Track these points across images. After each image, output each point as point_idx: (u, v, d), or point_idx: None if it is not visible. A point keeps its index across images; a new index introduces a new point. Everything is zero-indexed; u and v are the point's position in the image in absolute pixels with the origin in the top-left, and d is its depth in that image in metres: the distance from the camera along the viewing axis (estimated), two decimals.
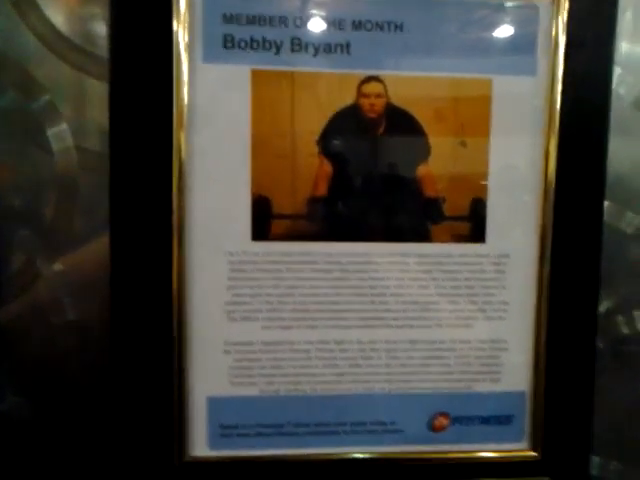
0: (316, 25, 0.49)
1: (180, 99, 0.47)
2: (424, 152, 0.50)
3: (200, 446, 0.50)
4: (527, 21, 0.50)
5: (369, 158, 0.50)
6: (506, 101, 0.50)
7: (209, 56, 0.48)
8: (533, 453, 0.53)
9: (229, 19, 0.48)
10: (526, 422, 0.53)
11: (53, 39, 0.50)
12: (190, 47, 0.47)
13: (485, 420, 0.53)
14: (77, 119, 0.51)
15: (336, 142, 0.50)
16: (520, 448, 0.53)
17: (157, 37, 0.47)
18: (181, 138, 0.48)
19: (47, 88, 0.50)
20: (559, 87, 0.50)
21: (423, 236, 0.51)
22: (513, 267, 0.52)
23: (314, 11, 0.48)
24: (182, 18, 0.47)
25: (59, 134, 0.50)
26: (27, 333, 0.51)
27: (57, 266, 0.51)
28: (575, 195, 0.51)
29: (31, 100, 0.50)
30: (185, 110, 0.47)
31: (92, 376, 0.51)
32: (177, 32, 0.47)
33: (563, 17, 0.49)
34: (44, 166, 0.50)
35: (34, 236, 0.51)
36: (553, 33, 0.50)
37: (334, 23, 0.49)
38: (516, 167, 0.51)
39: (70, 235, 0.51)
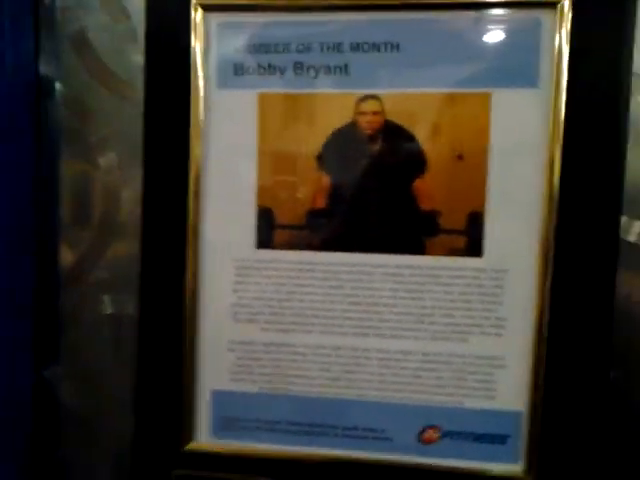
0: (316, 49, 0.52)
1: (196, 121, 0.53)
2: (420, 166, 0.52)
3: (204, 434, 0.55)
4: (528, 33, 0.49)
5: (365, 173, 0.52)
6: (506, 114, 0.50)
7: (222, 82, 0.54)
8: (528, 476, 0.51)
9: (239, 49, 0.53)
10: (522, 443, 0.51)
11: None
12: (205, 75, 0.53)
13: (478, 437, 0.51)
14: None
15: (334, 158, 0.53)
16: (514, 470, 0.51)
17: (179, 68, 0.53)
18: (197, 156, 0.53)
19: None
20: (563, 97, 0.49)
21: (417, 249, 0.52)
22: (512, 282, 0.51)
23: (314, 36, 0.52)
24: (199, 51, 0.53)
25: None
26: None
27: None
28: (582, 208, 0.49)
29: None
30: (201, 130, 0.53)
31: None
32: (195, 63, 0.53)
33: (567, 27, 0.48)
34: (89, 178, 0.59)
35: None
36: (556, 44, 0.49)
37: (333, 46, 0.52)
38: (517, 180, 0.50)
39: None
